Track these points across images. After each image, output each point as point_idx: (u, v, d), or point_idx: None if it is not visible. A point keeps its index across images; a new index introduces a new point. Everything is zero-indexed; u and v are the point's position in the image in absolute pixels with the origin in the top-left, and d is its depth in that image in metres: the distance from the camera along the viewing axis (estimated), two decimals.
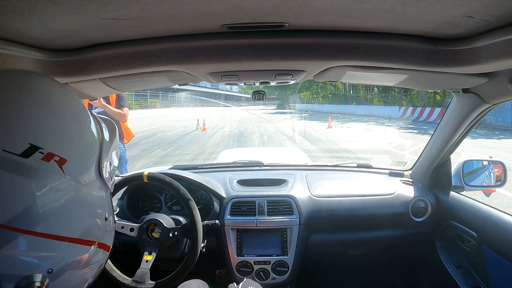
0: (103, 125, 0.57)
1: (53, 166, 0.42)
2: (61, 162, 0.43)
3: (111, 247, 0.57)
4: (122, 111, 2.76)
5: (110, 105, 2.70)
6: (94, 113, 0.59)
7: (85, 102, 2.71)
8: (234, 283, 0.92)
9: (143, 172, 1.15)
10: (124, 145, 2.87)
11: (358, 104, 23.37)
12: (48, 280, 0.42)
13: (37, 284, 0.41)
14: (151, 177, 1.13)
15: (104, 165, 0.52)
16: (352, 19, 0.62)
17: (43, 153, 0.41)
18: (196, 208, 1.12)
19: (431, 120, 12.57)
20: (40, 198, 0.41)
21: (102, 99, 2.63)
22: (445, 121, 1.25)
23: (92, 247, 0.49)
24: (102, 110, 2.70)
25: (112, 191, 0.57)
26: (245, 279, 0.95)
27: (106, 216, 0.54)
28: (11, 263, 0.40)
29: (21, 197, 0.40)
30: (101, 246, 0.51)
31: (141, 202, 1.45)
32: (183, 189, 1.13)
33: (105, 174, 0.53)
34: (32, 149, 0.40)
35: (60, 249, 0.44)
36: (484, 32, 0.62)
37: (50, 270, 0.43)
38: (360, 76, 0.91)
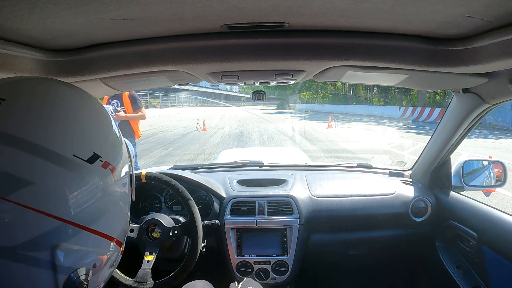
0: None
1: (108, 173, 0.48)
2: (113, 170, 0.49)
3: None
4: (141, 111, 2.98)
5: (124, 107, 2.85)
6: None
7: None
8: (235, 282, 0.92)
9: (141, 172, 1.15)
10: (134, 140, 3.02)
11: (358, 104, 23.37)
12: (91, 273, 0.47)
13: (83, 276, 0.45)
14: (149, 177, 1.13)
15: (133, 171, 0.58)
16: (352, 19, 0.62)
17: (102, 161, 0.47)
18: (196, 206, 1.12)
19: (431, 120, 12.56)
20: (98, 199, 0.46)
21: (121, 112, 2.87)
22: (445, 121, 1.25)
23: (118, 246, 0.54)
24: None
25: (133, 200, 0.60)
26: (245, 279, 0.95)
27: (130, 221, 0.60)
28: (70, 256, 0.44)
29: (83, 197, 0.44)
30: (121, 246, 0.56)
31: (141, 202, 1.45)
32: (181, 188, 1.13)
33: (133, 183, 0.59)
34: (95, 157, 0.46)
35: (104, 246, 0.49)
36: (484, 32, 0.62)
37: (94, 265, 0.47)
38: (360, 76, 0.91)
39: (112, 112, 2.83)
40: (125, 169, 0.54)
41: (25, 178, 0.39)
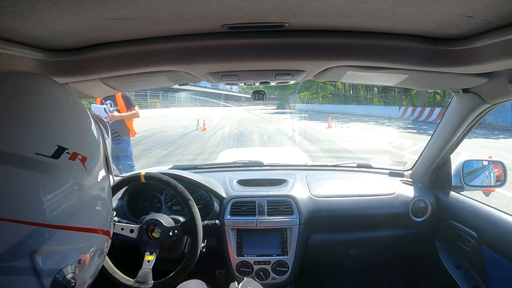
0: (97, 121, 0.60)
1: (78, 164, 0.45)
2: (83, 160, 0.46)
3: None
4: (135, 110, 3.05)
5: (118, 106, 2.89)
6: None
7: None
8: (235, 282, 0.92)
9: (141, 172, 1.15)
10: (129, 139, 3.06)
11: (358, 104, 23.35)
12: (77, 269, 0.45)
13: (70, 275, 0.44)
14: (148, 177, 1.13)
15: (107, 151, 0.56)
16: (352, 19, 0.62)
17: (69, 153, 0.44)
18: (195, 205, 1.12)
19: (431, 120, 12.56)
20: (70, 194, 0.44)
21: (115, 111, 2.93)
22: (445, 121, 1.25)
23: (104, 235, 0.52)
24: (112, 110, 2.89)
25: (113, 183, 0.59)
26: (245, 279, 0.95)
27: (112, 206, 0.59)
28: (50, 259, 0.42)
29: (54, 195, 0.42)
30: (108, 234, 0.54)
31: (141, 202, 1.45)
32: (181, 187, 1.13)
33: (111, 166, 0.56)
34: (60, 150, 0.43)
35: (86, 240, 0.47)
36: (484, 32, 0.62)
37: (79, 260, 0.46)
38: (360, 76, 0.91)
39: (106, 113, 2.86)
40: (99, 153, 0.51)
41: None
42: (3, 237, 0.38)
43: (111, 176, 0.57)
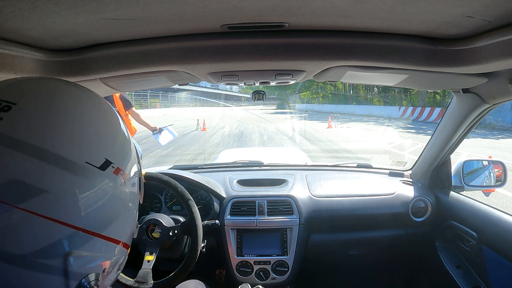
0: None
1: (120, 179, 0.47)
2: (124, 176, 0.48)
3: None
4: (134, 110, 3.06)
5: (117, 107, 2.93)
6: None
7: None
8: (248, 284, 0.92)
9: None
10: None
11: (358, 104, 23.35)
12: (101, 277, 0.47)
13: (94, 282, 0.45)
14: (148, 176, 1.13)
15: (141, 174, 0.57)
16: (352, 19, 0.62)
17: (114, 167, 0.46)
18: (195, 205, 1.12)
19: (431, 120, 12.56)
20: (109, 205, 0.46)
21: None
22: (445, 121, 1.25)
23: (126, 249, 0.54)
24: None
25: (141, 202, 0.60)
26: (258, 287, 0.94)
27: (138, 223, 0.58)
28: (81, 263, 0.43)
29: (96, 204, 0.44)
30: (128, 248, 0.55)
31: None
32: (181, 187, 1.13)
33: (142, 187, 0.58)
34: (107, 163, 0.45)
35: (113, 251, 0.49)
36: (484, 32, 0.62)
37: (104, 270, 0.47)
38: (360, 76, 0.91)
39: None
40: (134, 170, 0.53)
41: (37, 185, 0.39)
42: (42, 234, 0.39)
43: (140, 196, 0.58)
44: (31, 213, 0.38)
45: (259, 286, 0.94)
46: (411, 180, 1.50)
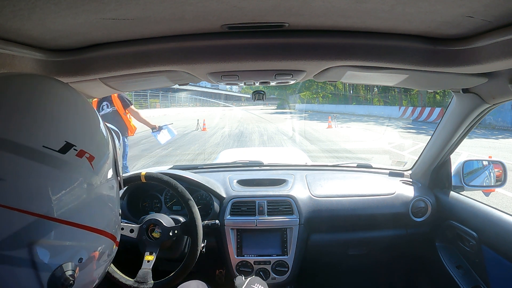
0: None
1: (85, 162, 0.46)
2: (91, 159, 0.47)
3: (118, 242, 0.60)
4: (133, 109, 3.06)
5: (115, 106, 2.90)
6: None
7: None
8: (242, 275, 0.91)
9: (141, 172, 1.15)
10: (127, 139, 3.05)
11: (358, 104, 23.35)
12: (78, 268, 0.45)
13: (70, 272, 0.43)
14: (148, 177, 1.13)
15: (119, 163, 0.56)
16: (352, 19, 0.62)
17: (76, 150, 0.44)
18: (195, 205, 1.12)
19: (431, 120, 12.56)
20: (75, 191, 0.44)
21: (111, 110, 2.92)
22: (445, 121, 1.25)
23: (110, 239, 0.52)
24: (111, 111, 2.88)
25: (121, 187, 0.59)
26: (253, 276, 0.94)
27: (120, 211, 0.58)
28: (50, 252, 0.42)
29: (59, 189, 0.42)
30: (114, 239, 0.54)
31: (141, 202, 1.45)
32: (181, 187, 1.13)
33: (120, 171, 0.56)
34: (67, 146, 0.44)
35: (90, 240, 0.47)
36: (484, 32, 0.62)
37: (80, 260, 0.45)
38: (360, 76, 0.91)
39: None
40: (107, 155, 0.51)
41: None
42: (4, 224, 0.38)
43: (119, 179, 0.57)
44: None
45: (253, 276, 0.94)
46: (411, 180, 1.50)
